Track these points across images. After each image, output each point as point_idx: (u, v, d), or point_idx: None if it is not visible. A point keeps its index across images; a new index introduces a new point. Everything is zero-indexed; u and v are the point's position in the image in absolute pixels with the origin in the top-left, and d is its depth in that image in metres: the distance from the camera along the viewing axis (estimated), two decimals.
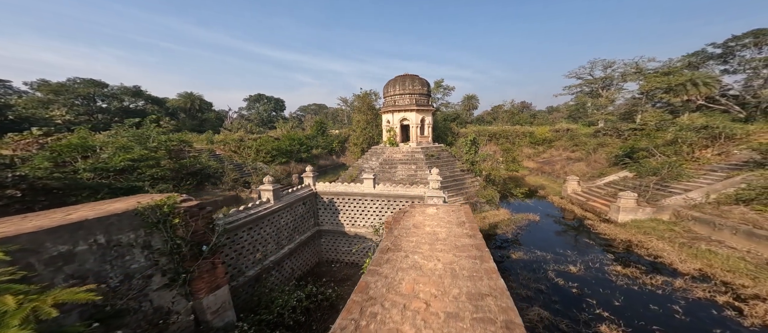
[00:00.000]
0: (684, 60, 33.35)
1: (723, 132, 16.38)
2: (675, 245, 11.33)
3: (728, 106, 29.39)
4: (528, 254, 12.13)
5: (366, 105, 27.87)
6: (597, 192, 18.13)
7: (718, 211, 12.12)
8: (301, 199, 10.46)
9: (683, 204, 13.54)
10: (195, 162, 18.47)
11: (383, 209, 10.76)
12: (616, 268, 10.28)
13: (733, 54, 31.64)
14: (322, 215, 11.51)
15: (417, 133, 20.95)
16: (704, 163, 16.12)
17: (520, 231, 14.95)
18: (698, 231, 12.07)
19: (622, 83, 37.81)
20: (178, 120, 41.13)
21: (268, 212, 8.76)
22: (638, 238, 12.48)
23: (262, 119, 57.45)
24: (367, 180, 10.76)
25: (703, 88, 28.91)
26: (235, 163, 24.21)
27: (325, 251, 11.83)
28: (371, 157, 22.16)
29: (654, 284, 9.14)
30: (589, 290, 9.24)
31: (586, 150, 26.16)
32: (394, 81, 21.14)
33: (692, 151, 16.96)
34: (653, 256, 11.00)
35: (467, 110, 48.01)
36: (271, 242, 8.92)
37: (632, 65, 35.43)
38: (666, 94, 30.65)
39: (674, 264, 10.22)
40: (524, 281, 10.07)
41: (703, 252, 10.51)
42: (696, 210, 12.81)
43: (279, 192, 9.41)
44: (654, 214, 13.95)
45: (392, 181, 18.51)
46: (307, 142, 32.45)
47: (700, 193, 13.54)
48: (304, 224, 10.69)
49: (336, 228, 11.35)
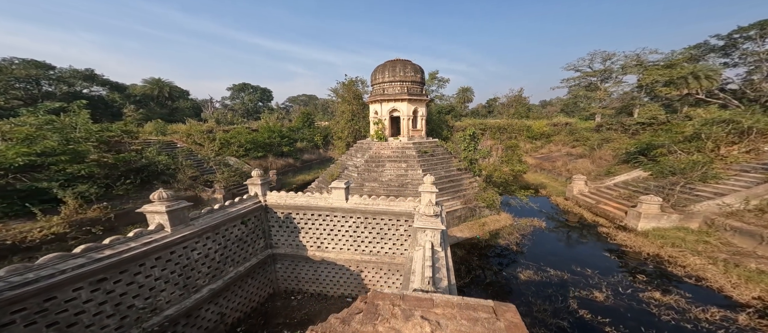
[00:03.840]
0: (686, 52, 30.96)
1: (754, 126, 14.03)
2: (718, 263, 8.99)
3: (727, 101, 27.21)
4: (539, 273, 9.74)
5: (352, 94, 24.30)
6: (607, 193, 15.77)
7: (764, 220, 9.80)
8: (240, 217, 7.42)
9: (717, 211, 11.20)
10: (138, 157, 15.38)
11: (359, 229, 8.14)
12: (655, 295, 7.93)
13: (735, 46, 29.39)
14: (276, 235, 8.52)
15: (409, 126, 18.04)
16: (732, 161, 13.79)
17: (525, 240, 12.57)
18: (739, 244, 9.75)
19: (621, 76, 35.39)
20: (146, 108, 36.81)
21: (159, 247, 5.40)
22: (668, 252, 10.13)
23: (247, 109, 54.07)
24: (336, 190, 8.05)
25: (705, 81, 26.65)
26: (198, 157, 20.91)
27: (283, 280, 8.94)
28: (356, 153, 19.28)
29: (711, 320, 6.80)
30: (625, 328, 6.88)
31: (589, 146, 23.75)
32: (383, 67, 17.99)
33: (717, 148, 14.61)
34: (695, 277, 8.66)
35: (462, 103, 45.04)
36: (170, 288, 5.71)
37: (633, 57, 32.96)
38: (666, 88, 28.36)
39: (725, 289, 7.89)
40: (539, 314, 7.68)
41: (757, 273, 8.19)
42: (734, 218, 10.48)
43: (183, 213, 6.02)
44: (680, 222, 11.60)
45: (379, 182, 15.92)
46: (290, 134, 29.55)
47: (737, 198, 11.19)
48: (245, 250, 7.72)
49: (296, 251, 8.48)
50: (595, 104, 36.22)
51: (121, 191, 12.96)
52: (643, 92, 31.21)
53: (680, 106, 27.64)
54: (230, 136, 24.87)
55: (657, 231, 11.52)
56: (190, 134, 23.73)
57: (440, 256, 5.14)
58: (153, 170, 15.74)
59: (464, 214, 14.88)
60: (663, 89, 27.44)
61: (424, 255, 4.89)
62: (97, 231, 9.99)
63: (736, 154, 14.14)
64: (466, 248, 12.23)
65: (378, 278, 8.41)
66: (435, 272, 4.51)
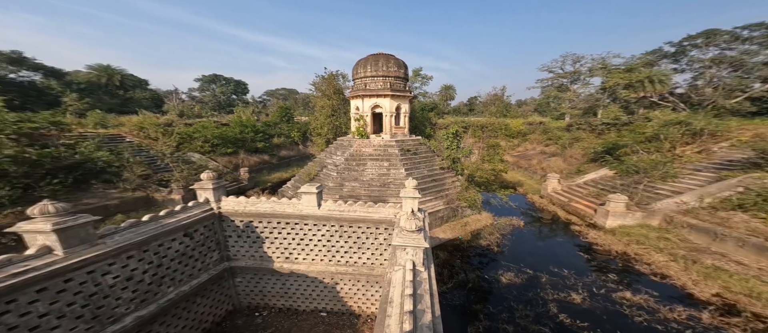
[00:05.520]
0: (643, 57, 32.98)
1: (705, 128, 14.97)
2: (678, 260, 9.35)
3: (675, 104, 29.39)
4: (520, 276, 9.60)
5: (332, 88, 22.86)
6: (578, 191, 16.23)
7: (717, 218, 10.36)
8: (182, 228, 6.22)
9: (675, 208, 11.75)
10: (70, 152, 13.27)
11: (334, 237, 7.32)
12: (626, 295, 8.01)
13: (684, 53, 31.61)
14: (234, 246, 7.52)
15: (391, 122, 17.26)
16: (687, 161, 14.66)
17: (505, 240, 12.51)
18: (695, 241, 10.25)
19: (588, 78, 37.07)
20: (93, 98, 32.46)
21: (42, 277, 4.11)
22: (635, 250, 10.44)
23: (219, 102, 50.44)
24: (307, 196, 7.08)
25: (658, 85, 28.46)
26: (152, 154, 18.80)
27: (244, 295, 7.93)
28: (336, 150, 18.22)
29: (678, 320, 6.91)
30: (603, 332, 6.81)
31: (560, 144, 24.56)
32: (365, 60, 16.94)
33: (673, 148, 15.47)
34: (660, 275, 8.92)
35: (444, 100, 45.13)
36: (68, 323, 4.47)
37: (599, 60, 34.55)
38: (625, 90, 30.06)
39: (687, 287, 8.15)
40: (522, 321, 7.46)
41: (713, 270, 8.58)
42: (691, 216, 11.02)
43: (85, 230, 4.62)
44: (644, 220, 12.08)
45: (359, 182, 15.13)
46: (265, 129, 27.56)
47: (693, 196, 11.80)
48: (191, 266, 6.57)
49: (259, 264, 7.48)
50: (565, 104, 37.74)
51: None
52: (606, 94, 32.82)
53: (637, 108, 29.40)
54: (194, 130, 22.54)
55: (623, 228, 11.91)
56: (142, 127, 21.04)
57: (423, 278, 4.49)
58: (90, 168, 13.55)
59: (447, 214, 14.57)
60: (623, 92, 28.99)
61: (403, 279, 4.22)
62: (9, 242, 8.34)
63: (690, 154, 15.06)
64: (448, 250, 11.90)
65: (355, 291, 7.71)
66: (416, 303, 3.87)
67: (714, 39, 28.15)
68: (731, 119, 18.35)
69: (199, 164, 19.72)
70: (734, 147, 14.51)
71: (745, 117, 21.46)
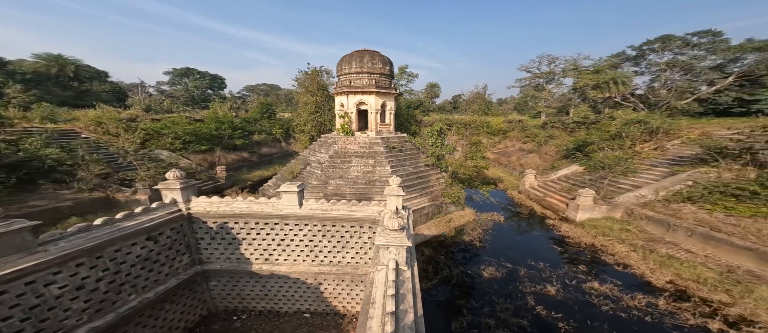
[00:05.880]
0: (609, 60, 35.31)
1: (660, 127, 16.38)
2: (638, 250, 10.21)
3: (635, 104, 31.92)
4: (500, 270, 9.96)
5: (316, 84, 22.35)
6: (552, 187, 17.18)
7: (670, 210, 11.43)
8: (144, 232, 5.68)
9: (635, 201, 12.81)
10: (12, 149, 12.10)
11: (316, 237, 7.08)
12: (594, 286, 8.60)
13: (644, 57, 34.17)
14: (208, 248, 7.08)
15: (377, 120, 17.12)
16: (645, 157, 16.00)
17: (487, 235, 12.94)
18: (652, 231, 11.26)
19: (562, 79, 39.05)
20: (42, 90, 29.07)
21: None
22: (601, 241, 11.25)
23: (192, 97, 47.29)
24: (287, 195, 6.75)
25: (622, 86, 30.64)
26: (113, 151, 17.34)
27: (220, 299, 7.53)
28: (320, 147, 17.80)
29: (639, 307, 7.54)
30: (575, 322, 7.25)
31: (537, 142, 25.80)
32: (350, 57, 16.57)
33: (633, 145, 16.82)
34: (622, 264, 9.69)
35: (430, 98, 45.56)
36: None
37: (571, 62, 36.45)
38: (594, 91, 32.10)
39: (646, 275, 8.93)
40: (502, 314, 7.75)
41: (667, 258, 9.47)
42: (648, 208, 12.07)
43: (21, 237, 4.12)
44: (608, 213, 13.06)
45: (344, 179, 14.86)
46: (244, 126, 26.61)
47: (650, 190, 12.93)
48: (157, 271, 6.08)
49: (236, 266, 7.13)
50: (541, 103, 39.57)
51: None
52: (577, 94, 34.81)
53: (603, 108, 31.55)
54: (162, 126, 21.07)
55: (591, 221, 12.79)
56: (101, 122, 19.26)
57: (406, 277, 4.43)
58: (36, 167, 12.27)
59: (432, 211, 14.73)
60: (592, 92, 30.91)
61: (386, 279, 4.13)
62: None
63: (648, 151, 16.46)
64: (433, 246, 12.07)
65: (340, 291, 7.56)
66: (399, 303, 3.79)
67: (669, 44, 30.63)
68: (682, 119, 20.30)
69: (169, 162, 18.48)
70: (684, 144, 16.02)
71: (694, 117, 23.80)
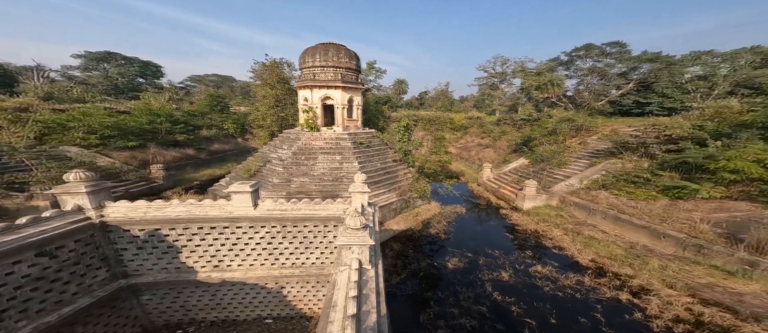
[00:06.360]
0: (547, 64, 40.12)
1: (583, 124, 19.44)
2: (569, 234, 12.10)
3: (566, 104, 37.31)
4: (462, 260, 10.70)
5: (276, 77, 20.65)
6: (505, 179, 19.10)
7: (590, 196, 13.78)
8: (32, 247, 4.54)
9: (566, 190, 15.08)
10: None
11: (276, 239, 6.47)
12: (538, 269, 9.87)
13: (573, 62, 39.65)
14: (134, 260, 6.03)
15: (343, 115, 16.57)
16: (573, 151, 18.90)
17: (451, 227, 13.76)
18: (578, 216, 13.46)
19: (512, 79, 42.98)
20: None
21: None
22: (542, 227, 12.99)
23: (116, 86, 38.98)
24: (238, 195, 5.99)
25: (557, 88, 35.32)
26: None
27: (158, 313, 6.53)
28: (282, 143, 16.54)
29: (571, 286, 8.93)
30: (524, 305, 8.23)
31: (492, 137, 28.22)
32: (314, 49, 15.45)
33: (564, 140, 19.67)
34: (557, 247, 11.35)
35: (398, 94, 45.72)
36: None
37: (519, 64, 40.24)
38: (536, 91, 36.32)
39: (575, 255, 10.62)
40: (465, 303, 8.37)
41: (589, 239, 11.43)
42: (575, 196, 14.34)
43: None
44: (547, 201, 15.12)
45: (310, 176, 14.06)
46: (188, 119, 23.51)
47: (576, 180, 15.35)
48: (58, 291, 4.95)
49: (176, 276, 6.24)
50: (495, 102, 43.11)
51: None
52: (524, 94, 38.84)
53: (543, 107, 36.01)
54: (69, 117, 17.09)
55: (535, 210, 14.65)
56: None
57: (370, 276, 4.30)
58: None
59: (400, 206, 14.94)
60: (535, 92, 34.87)
61: (348, 281, 3.92)
62: None
63: (575, 146, 19.48)
64: (402, 241, 12.30)
65: (305, 292, 7.15)
66: (361, 303, 3.63)
67: (590, 52, 36.01)
68: (599, 118, 24.48)
69: (80, 161, 14.91)
70: (600, 139, 19.34)
71: (607, 116, 28.88)
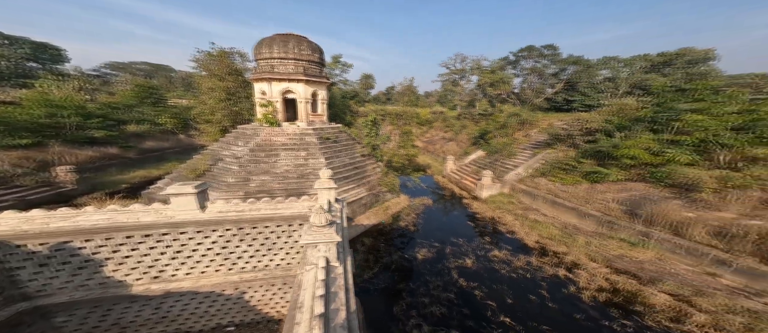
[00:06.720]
0: (499, 63, 43.77)
1: (527, 119, 22.01)
2: (518, 218, 13.70)
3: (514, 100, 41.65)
4: (431, 250, 11.18)
5: (226, 68, 18.28)
6: (466, 170, 20.50)
7: (533, 183, 15.79)
8: None
9: (515, 178, 16.98)
10: None
11: (232, 243, 5.72)
12: (496, 254, 10.92)
13: (518, 62, 44.01)
14: (37, 279, 4.73)
15: (307, 109, 15.46)
16: (520, 143, 21.30)
17: (420, 219, 14.22)
18: (526, 201, 15.34)
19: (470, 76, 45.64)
20: None
21: None
22: (497, 214, 14.41)
23: None
24: (178, 198, 5.11)
25: (507, 85, 39.01)
26: None
27: None
28: (237, 140, 14.78)
29: (522, 267, 10.10)
30: (486, 288, 9.03)
31: (454, 131, 29.84)
32: (272, 40, 13.87)
33: (513, 133, 22.03)
34: (510, 231, 12.76)
35: (365, 89, 44.27)
36: None
37: (476, 62, 42.86)
38: (491, 88, 39.50)
39: (523, 238, 12.09)
40: (435, 291, 8.81)
41: (533, 223, 13.14)
42: (522, 183, 16.27)
43: None
44: (501, 189, 16.81)
45: (271, 174, 12.85)
46: (107, 113, 19.51)
47: (523, 169, 17.39)
48: None
49: (102, 293, 5.10)
50: (456, 97, 45.43)
51: None
52: (480, 90, 41.79)
53: (496, 102, 39.47)
54: None
55: (491, 198, 16.14)
56: None
57: (338, 273, 4.08)
58: None
59: (370, 200, 14.72)
60: (489, 89, 37.83)
61: (315, 280, 3.67)
62: None
63: (521, 138, 22.00)
64: (373, 235, 12.23)
65: (271, 296, 6.55)
66: (329, 302, 3.42)
67: (532, 53, 40.51)
68: (538, 113, 28.03)
69: None
70: (539, 132, 22.18)
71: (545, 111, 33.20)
